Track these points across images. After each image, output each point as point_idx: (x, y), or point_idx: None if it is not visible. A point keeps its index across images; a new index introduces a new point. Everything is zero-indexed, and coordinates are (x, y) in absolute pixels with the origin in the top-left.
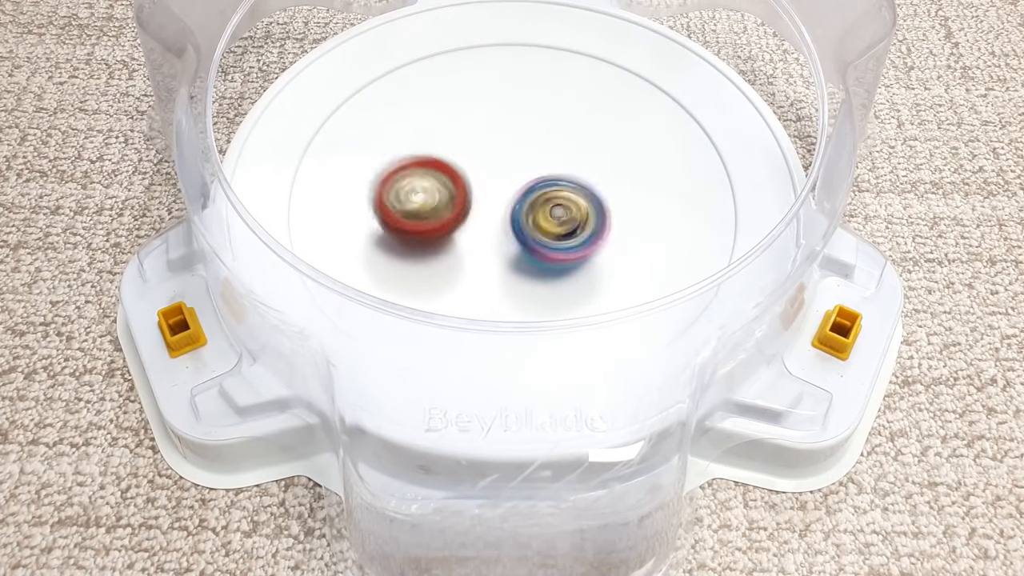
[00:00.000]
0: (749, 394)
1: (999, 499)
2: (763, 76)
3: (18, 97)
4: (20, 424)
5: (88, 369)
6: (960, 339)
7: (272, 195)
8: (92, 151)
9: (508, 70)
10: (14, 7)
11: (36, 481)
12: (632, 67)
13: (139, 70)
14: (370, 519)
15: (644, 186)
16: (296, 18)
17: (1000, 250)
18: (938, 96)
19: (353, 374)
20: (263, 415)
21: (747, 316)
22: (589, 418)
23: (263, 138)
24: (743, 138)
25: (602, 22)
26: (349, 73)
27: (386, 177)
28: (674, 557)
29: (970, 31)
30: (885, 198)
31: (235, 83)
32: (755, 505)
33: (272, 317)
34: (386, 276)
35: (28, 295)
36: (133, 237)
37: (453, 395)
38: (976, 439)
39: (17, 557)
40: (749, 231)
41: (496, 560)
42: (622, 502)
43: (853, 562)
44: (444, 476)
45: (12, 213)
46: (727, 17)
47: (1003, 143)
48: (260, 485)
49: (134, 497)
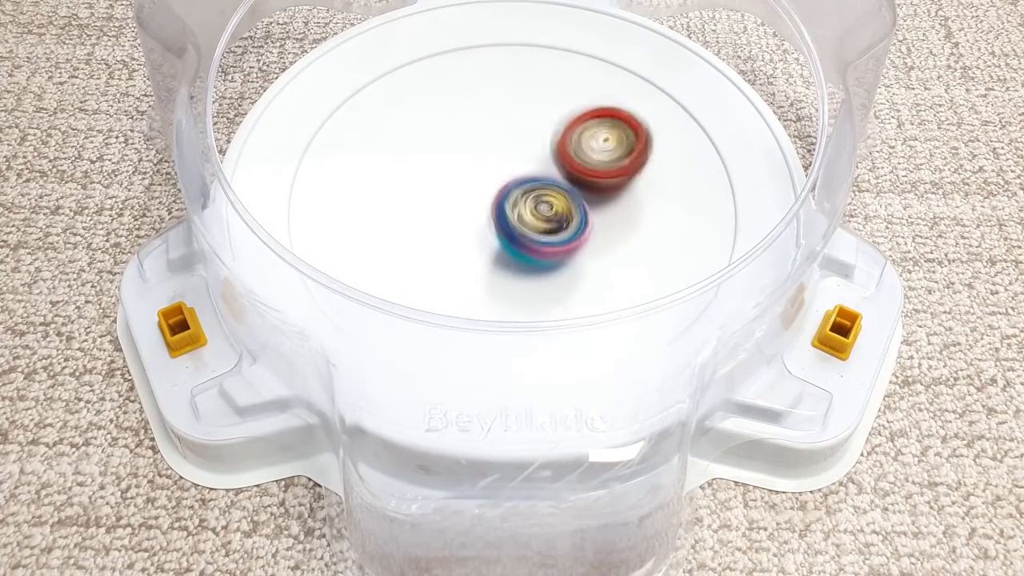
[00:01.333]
0: (749, 394)
1: (999, 499)
2: (763, 76)
3: (18, 97)
4: (20, 424)
5: (88, 369)
6: (960, 339)
7: (272, 195)
8: (92, 151)
9: (508, 70)
10: (14, 7)
11: (36, 481)
12: (632, 67)
13: (139, 70)
14: (370, 519)
15: (644, 186)
16: (296, 18)
17: (1000, 250)
18: (938, 96)
19: (353, 374)
20: (263, 415)
21: (747, 316)
22: (589, 418)
23: (263, 138)
24: (743, 138)
25: (602, 22)
26: (349, 73)
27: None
28: (674, 557)
29: (970, 31)
30: (885, 198)
31: (235, 83)
32: (755, 505)
33: (272, 317)
34: (386, 276)
35: (28, 295)
36: (133, 237)
37: (453, 395)
38: (976, 439)
39: (17, 557)
40: (749, 231)
41: (496, 560)
42: (622, 502)
43: (853, 562)
44: (444, 476)
45: (12, 213)
46: (727, 17)
47: (1003, 143)
48: (260, 485)
49: (134, 497)
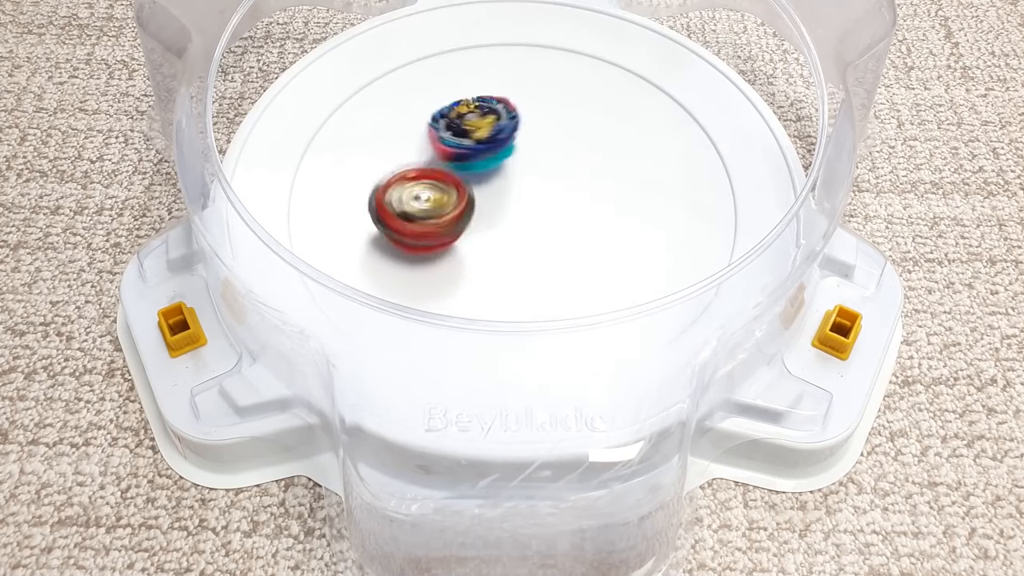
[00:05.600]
0: (749, 394)
1: (999, 499)
2: (763, 76)
3: (18, 97)
4: (20, 424)
5: (88, 369)
6: (960, 339)
7: (272, 195)
8: (92, 151)
9: (508, 70)
10: (14, 7)
11: (36, 481)
12: (632, 67)
13: (139, 70)
14: (370, 519)
15: (644, 186)
16: (296, 18)
17: (1000, 250)
18: (938, 96)
19: (353, 374)
20: (263, 415)
21: (747, 316)
22: (589, 418)
23: (263, 138)
24: (743, 138)
25: (602, 22)
26: (349, 73)
27: (386, 184)
28: (674, 557)
29: (970, 31)
30: (885, 198)
31: (235, 83)
32: (755, 505)
33: (272, 317)
34: (386, 276)
35: (28, 295)
36: (133, 237)
37: (453, 395)
38: (976, 439)
39: (17, 557)
40: (749, 231)
41: (496, 560)
42: (622, 502)
43: (853, 562)
44: (444, 476)
45: (12, 213)
46: (727, 17)
47: (1003, 143)
48: (260, 485)
49: (134, 497)
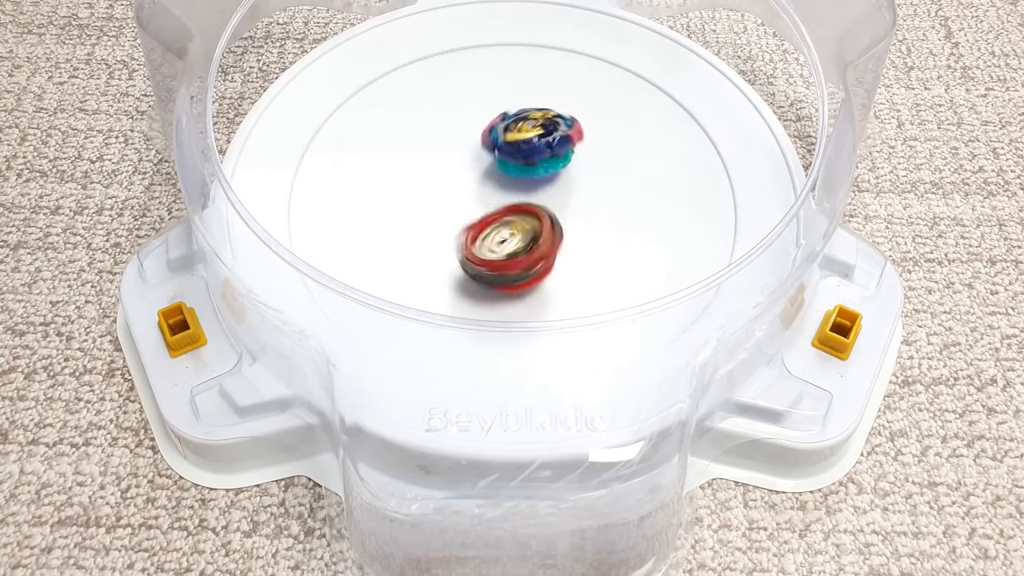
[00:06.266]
0: (749, 394)
1: (999, 499)
2: (763, 76)
3: (18, 97)
4: (20, 424)
5: (88, 369)
6: (960, 339)
7: (272, 195)
8: (92, 151)
9: (508, 70)
10: (14, 7)
11: (36, 481)
12: (632, 67)
13: (139, 70)
14: (370, 519)
15: (644, 186)
16: (296, 18)
17: (1000, 250)
18: (938, 96)
19: (353, 374)
20: (263, 415)
21: (747, 316)
22: (589, 418)
23: (263, 138)
24: (743, 138)
25: (602, 22)
26: (349, 73)
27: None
28: (674, 557)
29: (970, 31)
30: (885, 198)
31: (235, 83)
32: (755, 505)
33: (272, 317)
34: (386, 276)
35: (28, 295)
36: (133, 237)
37: (453, 395)
38: (976, 439)
39: (17, 557)
40: (749, 231)
41: (496, 560)
42: (622, 502)
43: (853, 562)
44: (444, 476)
45: (12, 213)
46: (727, 17)
47: (1003, 143)
48: (260, 485)
49: (134, 497)
